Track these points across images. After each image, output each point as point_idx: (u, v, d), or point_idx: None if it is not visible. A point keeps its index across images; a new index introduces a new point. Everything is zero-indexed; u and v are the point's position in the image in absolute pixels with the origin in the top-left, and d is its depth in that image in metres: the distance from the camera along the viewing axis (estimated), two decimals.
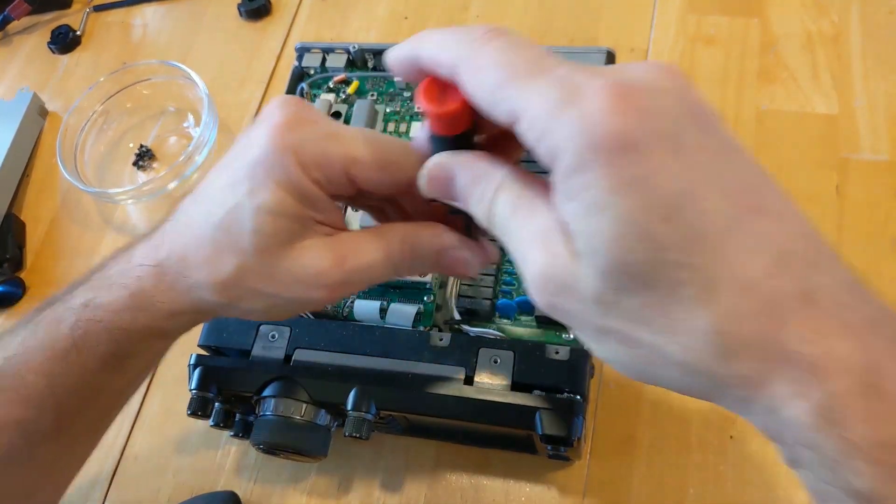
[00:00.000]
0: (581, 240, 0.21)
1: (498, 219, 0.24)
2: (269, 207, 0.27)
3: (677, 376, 0.21)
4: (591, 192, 0.20)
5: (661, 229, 0.20)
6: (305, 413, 0.38)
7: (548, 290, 0.22)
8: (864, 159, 0.49)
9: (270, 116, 0.28)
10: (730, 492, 0.41)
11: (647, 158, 0.20)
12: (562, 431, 0.36)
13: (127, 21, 0.70)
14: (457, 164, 0.25)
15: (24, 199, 0.61)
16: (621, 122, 0.19)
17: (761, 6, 0.57)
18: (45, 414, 0.31)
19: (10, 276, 0.56)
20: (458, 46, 0.23)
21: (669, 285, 0.20)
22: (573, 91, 0.20)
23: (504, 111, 0.22)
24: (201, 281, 0.29)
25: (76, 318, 0.30)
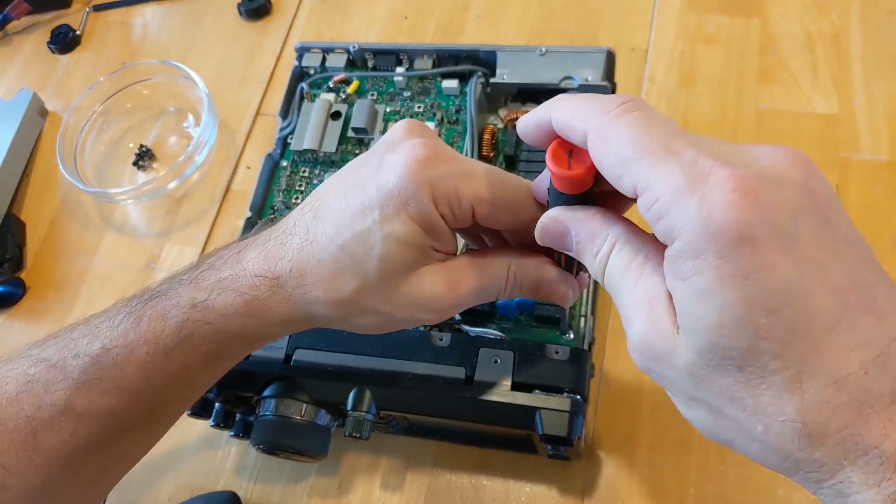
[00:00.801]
0: (684, 319, 0.22)
1: (609, 277, 0.26)
2: (398, 237, 0.29)
3: (756, 450, 0.22)
4: (701, 279, 0.21)
5: (762, 322, 0.21)
6: (305, 413, 0.38)
7: (646, 356, 0.24)
8: (863, 159, 0.49)
9: (407, 148, 0.29)
10: (730, 492, 0.41)
11: (760, 253, 0.20)
12: (562, 431, 0.36)
13: (127, 21, 0.70)
14: (573, 220, 0.27)
15: (24, 199, 0.61)
16: (740, 217, 0.20)
17: (761, 6, 0.57)
18: (138, 405, 0.32)
19: (10, 276, 0.56)
20: (591, 116, 0.24)
21: (761, 371, 0.21)
22: (698, 178, 0.21)
23: (629, 185, 0.23)
24: (319, 297, 0.30)
25: (185, 317, 0.31)
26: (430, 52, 0.51)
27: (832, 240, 0.22)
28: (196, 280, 0.32)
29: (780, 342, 0.21)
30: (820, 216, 0.22)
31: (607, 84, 0.46)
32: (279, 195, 0.49)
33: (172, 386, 0.32)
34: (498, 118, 0.49)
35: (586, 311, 0.41)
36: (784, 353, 0.21)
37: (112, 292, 0.55)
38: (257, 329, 0.32)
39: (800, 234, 0.21)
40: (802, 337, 0.21)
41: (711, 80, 0.55)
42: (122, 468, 0.35)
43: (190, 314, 0.31)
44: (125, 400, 0.31)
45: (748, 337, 0.21)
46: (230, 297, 0.31)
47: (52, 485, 0.31)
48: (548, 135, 0.26)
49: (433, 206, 0.29)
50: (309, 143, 0.49)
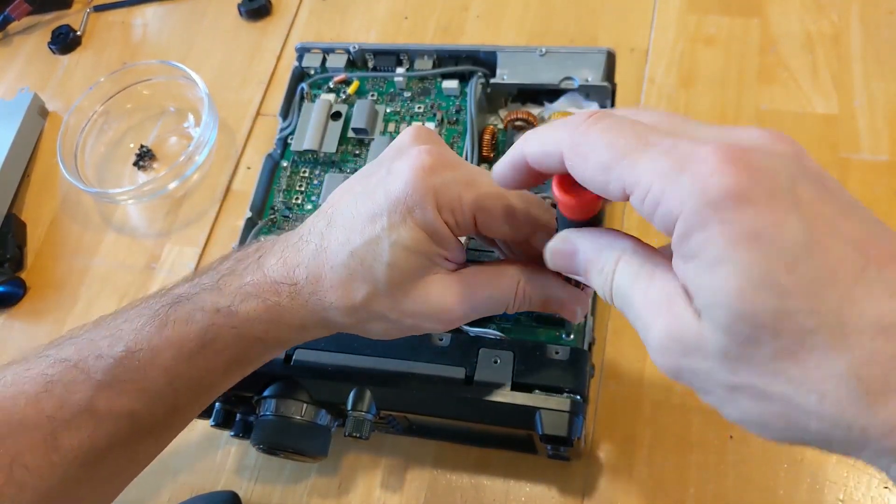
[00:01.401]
0: (702, 296, 0.21)
1: (618, 290, 0.25)
2: (405, 244, 0.30)
3: (818, 428, 0.21)
4: (710, 249, 0.20)
5: (784, 279, 0.20)
6: (306, 413, 0.38)
7: (673, 353, 0.23)
8: (863, 159, 0.49)
9: (413, 155, 0.30)
10: (730, 491, 0.41)
11: (764, 212, 0.20)
12: (562, 431, 0.36)
13: (127, 21, 0.70)
14: (580, 238, 0.27)
15: (24, 199, 0.61)
16: (735, 178, 0.20)
17: (761, 6, 0.57)
18: (158, 408, 0.32)
19: (10, 276, 0.56)
20: (562, 137, 0.24)
21: (798, 333, 0.20)
22: (683, 158, 0.21)
23: (617, 188, 0.23)
24: (333, 303, 0.31)
25: (209, 322, 0.32)
26: (431, 52, 0.51)
27: (835, 199, 0.21)
28: (219, 285, 0.32)
29: (809, 297, 0.20)
30: (817, 181, 0.21)
31: (607, 84, 0.46)
32: (279, 195, 0.49)
33: (194, 390, 0.33)
34: (498, 118, 0.49)
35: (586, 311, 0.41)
36: (817, 308, 0.20)
37: (112, 292, 0.55)
38: (278, 335, 0.32)
39: (800, 194, 0.21)
40: (831, 289, 0.20)
41: (711, 80, 0.55)
42: (134, 471, 0.35)
43: (214, 319, 0.32)
44: (146, 402, 0.31)
45: (773, 297, 0.20)
46: (253, 304, 0.32)
47: (68, 485, 0.31)
48: (526, 174, 0.27)
49: (437, 212, 0.29)
50: (309, 143, 0.49)
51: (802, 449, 0.41)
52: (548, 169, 0.25)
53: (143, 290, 0.55)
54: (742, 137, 0.22)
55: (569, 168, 0.24)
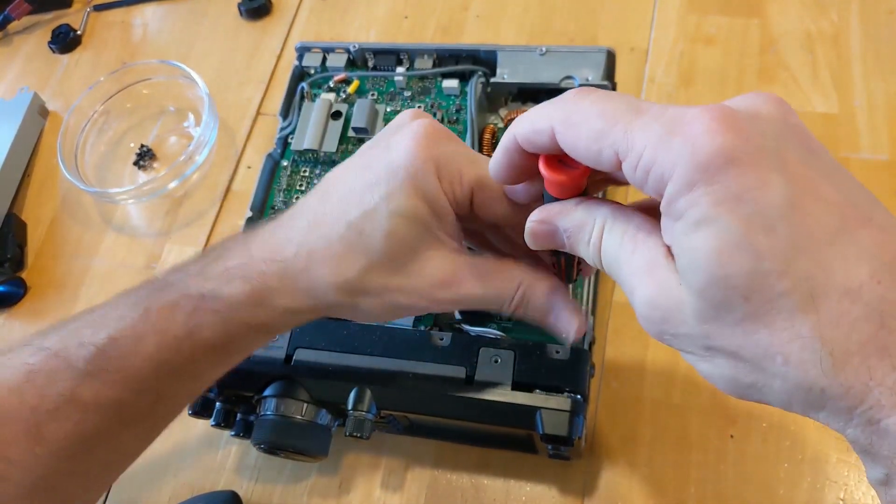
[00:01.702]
0: (682, 257, 0.22)
1: (606, 259, 0.25)
2: (404, 212, 0.29)
3: (781, 389, 0.21)
4: (697, 209, 0.21)
5: (761, 240, 0.20)
6: (306, 413, 0.39)
7: (654, 319, 0.23)
8: (863, 159, 0.49)
9: (414, 126, 0.30)
10: (730, 491, 0.41)
11: (750, 172, 0.20)
12: (562, 431, 0.36)
13: (127, 21, 0.70)
14: (557, 215, 0.27)
15: (24, 198, 0.61)
16: (724, 140, 0.20)
17: (761, 6, 0.57)
18: (144, 397, 0.31)
19: (10, 276, 0.56)
20: (552, 112, 0.24)
21: (769, 296, 0.20)
22: (674, 121, 0.21)
23: (609, 155, 0.23)
24: (326, 278, 0.30)
25: (193, 307, 0.31)
26: (431, 51, 0.51)
27: (819, 162, 0.22)
28: (204, 270, 0.32)
29: (783, 259, 0.20)
30: (802, 143, 0.22)
31: (608, 84, 0.46)
32: (280, 195, 0.49)
33: (180, 378, 0.32)
34: (498, 118, 0.49)
35: (587, 310, 0.41)
36: (789, 271, 0.20)
37: (112, 292, 0.54)
38: (266, 318, 0.31)
39: (786, 155, 0.21)
40: (805, 251, 0.20)
41: (711, 80, 0.55)
42: (123, 463, 0.34)
43: (198, 304, 0.31)
44: (132, 391, 0.31)
45: (749, 259, 0.20)
46: (238, 286, 0.31)
47: (53, 477, 0.30)
48: (520, 159, 0.26)
49: (438, 181, 0.29)
50: (309, 142, 0.49)
51: (803, 448, 0.41)
52: (539, 148, 0.25)
53: None
54: (732, 101, 0.23)
55: (560, 141, 0.24)
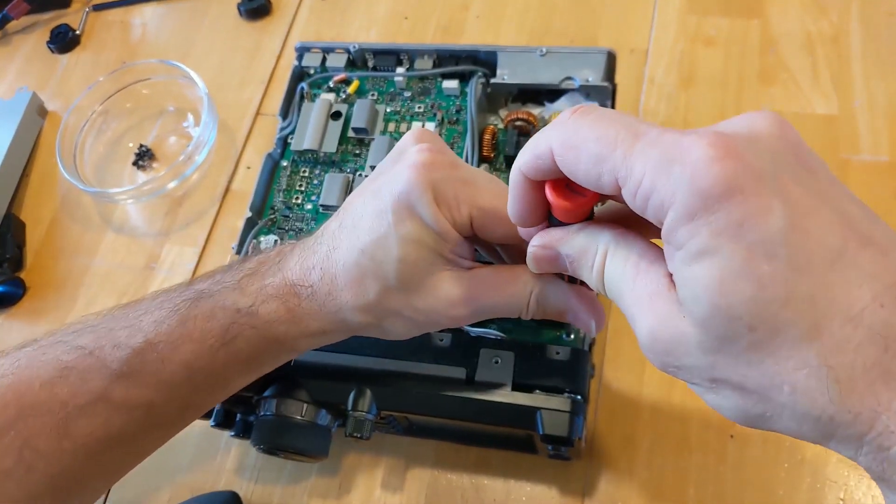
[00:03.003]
0: (685, 289, 0.21)
1: (609, 286, 0.25)
2: (412, 238, 0.30)
3: (790, 419, 0.21)
4: (698, 239, 0.20)
5: (763, 268, 0.20)
6: (306, 413, 0.38)
7: (658, 350, 0.23)
8: (864, 160, 0.49)
9: (412, 153, 0.31)
10: (730, 492, 0.41)
11: (751, 200, 0.20)
12: (562, 431, 0.36)
13: (126, 20, 0.70)
14: (560, 240, 0.27)
15: (23, 198, 0.61)
16: (723, 169, 0.20)
17: (761, 7, 0.57)
18: (175, 402, 0.32)
19: (10, 276, 0.56)
20: (551, 136, 0.24)
21: (774, 325, 0.20)
22: (674, 148, 0.21)
23: (609, 181, 0.22)
24: (349, 303, 0.32)
25: (231, 321, 0.32)
26: (431, 52, 0.51)
27: (817, 181, 0.21)
28: (240, 285, 0.33)
29: (786, 286, 0.20)
30: (800, 163, 0.22)
31: (608, 84, 0.46)
32: (279, 195, 0.49)
33: (210, 386, 0.33)
34: (498, 118, 0.49)
35: None
36: (791, 298, 0.20)
37: (112, 292, 0.55)
38: (297, 336, 0.33)
39: (785, 178, 0.21)
40: (807, 275, 0.20)
41: (711, 81, 0.55)
42: (136, 462, 0.35)
43: (236, 318, 0.32)
44: (164, 395, 0.32)
45: (752, 288, 0.20)
46: (274, 305, 0.32)
47: (76, 472, 0.31)
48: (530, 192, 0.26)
49: (435, 207, 0.30)
50: (309, 143, 0.49)
51: (803, 449, 0.41)
52: (544, 173, 0.25)
53: (142, 290, 0.55)
54: (730, 124, 0.22)
55: (560, 165, 0.24)
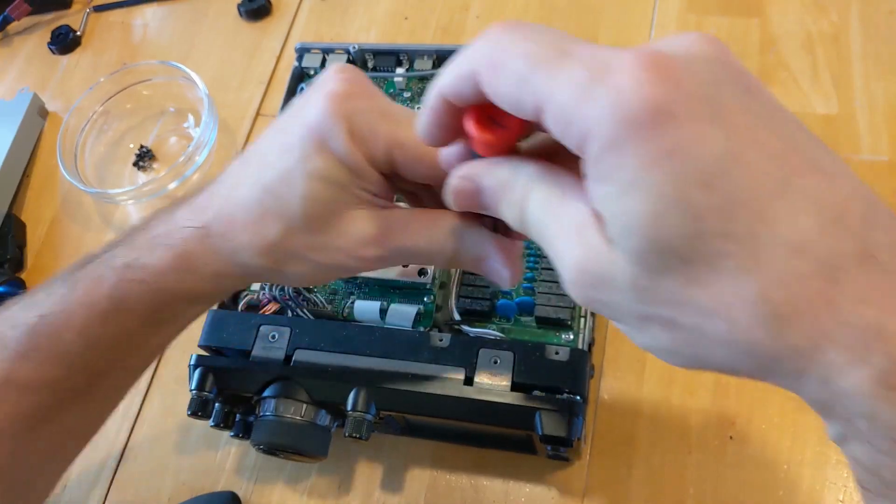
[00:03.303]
0: (613, 223, 0.20)
1: (531, 220, 0.23)
2: (320, 174, 0.28)
3: (725, 356, 0.20)
4: (625, 171, 0.19)
5: (699, 198, 0.18)
6: (305, 413, 0.38)
7: (584, 284, 0.21)
8: (864, 160, 0.49)
9: (328, 82, 0.29)
10: (729, 492, 0.41)
11: (684, 126, 0.18)
12: (562, 432, 0.36)
13: (127, 21, 0.70)
14: (482, 172, 0.24)
15: (24, 199, 0.61)
16: (655, 92, 0.18)
17: (761, 6, 0.57)
18: (78, 373, 0.31)
19: (10, 277, 0.56)
20: (477, 54, 0.22)
21: (711, 258, 0.19)
22: (601, 68, 0.19)
23: (531, 105, 0.20)
24: (246, 243, 0.29)
25: (118, 278, 0.30)
26: (430, 52, 0.51)
27: (760, 106, 0.20)
28: (130, 240, 0.31)
29: (723, 217, 0.18)
30: (741, 86, 0.20)
31: None
32: None
33: (111, 351, 0.31)
34: None
35: (586, 311, 0.41)
36: (730, 229, 0.18)
37: None
38: (192, 285, 0.31)
39: (724, 101, 0.19)
40: (747, 206, 0.18)
41: None
42: (73, 446, 0.34)
43: (123, 274, 0.30)
44: (64, 368, 0.30)
45: (687, 220, 0.18)
46: (161, 253, 0.30)
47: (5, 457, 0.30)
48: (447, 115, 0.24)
49: (350, 140, 0.28)
50: None
51: (802, 449, 0.41)
52: (465, 99, 0.23)
53: None
54: (665, 43, 0.20)
55: (484, 87, 0.22)
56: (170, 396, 0.50)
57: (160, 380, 0.50)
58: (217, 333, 0.42)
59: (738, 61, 0.20)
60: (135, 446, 0.48)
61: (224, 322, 0.42)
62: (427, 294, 0.42)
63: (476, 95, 0.22)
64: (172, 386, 0.50)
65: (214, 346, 0.42)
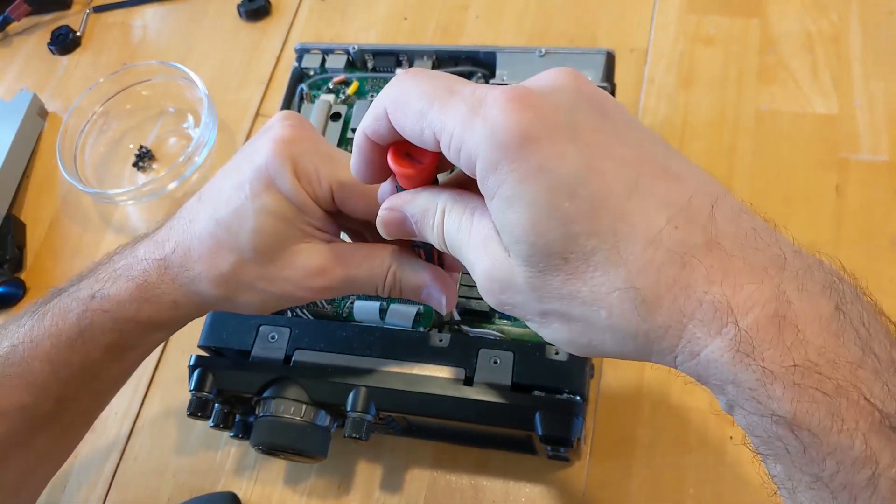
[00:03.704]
0: (504, 233, 0.23)
1: (449, 240, 0.26)
2: (269, 210, 0.31)
3: (611, 341, 0.23)
4: (504, 188, 0.22)
5: (566, 206, 0.22)
6: (305, 414, 0.38)
7: (494, 290, 0.25)
8: (863, 159, 0.49)
9: (275, 128, 0.32)
10: (729, 492, 0.41)
11: (545, 147, 0.22)
12: (561, 432, 0.36)
13: (127, 22, 0.70)
14: (404, 203, 0.28)
15: (24, 199, 0.61)
16: (518, 120, 0.22)
17: (761, 6, 0.57)
18: (47, 400, 0.33)
19: (10, 277, 0.56)
20: (384, 96, 0.25)
21: (584, 255, 0.22)
22: (477, 103, 0.23)
23: (430, 136, 0.24)
24: (202, 274, 0.32)
25: (84, 308, 0.33)
26: (430, 53, 0.51)
27: (613, 125, 0.23)
28: (95, 273, 0.34)
29: (588, 219, 0.22)
30: (596, 109, 0.23)
31: (607, 85, 0.46)
32: None
33: (79, 378, 0.33)
34: None
35: None
36: (595, 229, 0.22)
37: None
38: (152, 313, 0.33)
39: (579, 124, 0.22)
40: (606, 208, 0.22)
41: (711, 80, 0.55)
42: (45, 471, 0.36)
43: (88, 304, 0.33)
44: (34, 395, 0.32)
45: (559, 224, 0.22)
46: (123, 284, 0.33)
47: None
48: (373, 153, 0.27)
49: (295, 180, 0.31)
50: None
51: None
52: (382, 136, 0.26)
53: None
54: (530, 81, 0.24)
55: (392, 122, 0.25)
56: (170, 396, 0.50)
57: (160, 380, 0.51)
58: (217, 334, 0.42)
59: (594, 88, 0.24)
60: (135, 446, 0.48)
61: (224, 322, 0.42)
62: None
63: (391, 132, 0.26)
64: (172, 386, 0.50)
65: (214, 346, 0.42)
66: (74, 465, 0.48)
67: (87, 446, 0.48)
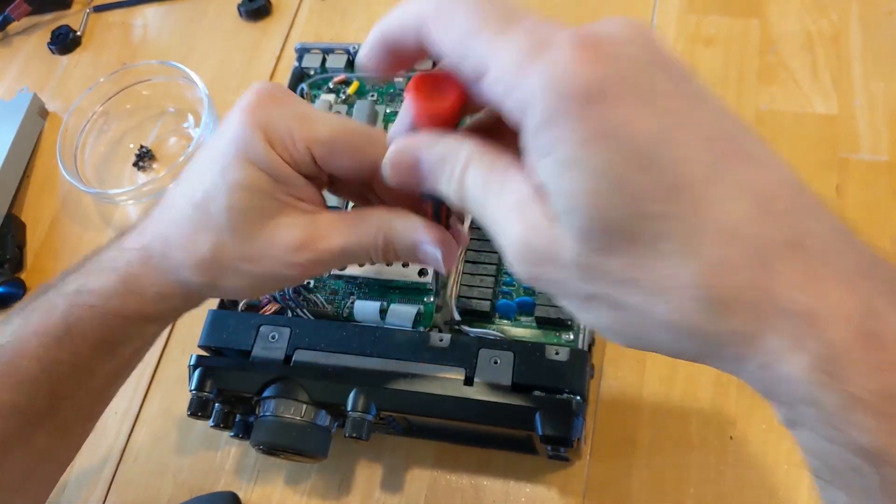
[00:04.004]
0: (557, 200, 0.20)
1: (470, 195, 0.23)
2: (241, 184, 0.28)
3: (667, 338, 0.20)
4: (564, 147, 0.19)
5: (638, 179, 0.19)
6: (305, 414, 0.38)
7: (529, 261, 0.21)
8: (863, 159, 0.49)
9: (244, 98, 0.30)
10: (730, 492, 0.41)
11: (619, 107, 0.19)
12: (562, 432, 0.36)
13: (127, 21, 0.70)
14: (420, 146, 0.24)
15: (24, 199, 0.61)
16: (591, 71, 0.19)
17: (761, 6, 0.57)
18: (39, 398, 0.32)
19: (10, 277, 0.56)
20: (423, 4, 0.22)
21: (651, 240, 0.19)
22: (541, 42, 0.19)
23: (472, 65, 0.21)
24: (183, 260, 0.30)
25: (69, 303, 0.31)
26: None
27: (687, 91, 0.20)
28: (82, 268, 0.33)
29: (662, 199, 0.19)
30: (670, 70, 0.20)
31: None
32: None
33: (70, 376, 0.32)
34: None
35: None
36: (670, 211, 0.19)
37: None
38: (139, 307, 0.32)
39: (655, 86, 0.19)
40: (683, 190, 0.19)
41: (711, 80, 0.54)
42: (49, 471, 0.35)
43: (74, 300, 0.31)
44: (25, 393, 0.31)
45: (628, 201, 0.19)
46: (107, 276, 0.31)
47: None
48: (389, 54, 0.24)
49: (268, 147, 0.28)
50: None
51: None
52: (404, 49, 0.23)
53: None
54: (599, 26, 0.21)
55: (431, 35, 0.22)
56: (170, 396, 0.50)
57: (160, 380, 0.50)
58: (217, 334, 0.42)
59: (667, 48, 0.21)
60: (135, 446, 0.48)
61: (224, 322, 0.42)
62: (427, 294, 0.42)
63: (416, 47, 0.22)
64: (172, 386, 0.50)
65: (214, 346, 0.42)
66: (74, 464, 0.48)
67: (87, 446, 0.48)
